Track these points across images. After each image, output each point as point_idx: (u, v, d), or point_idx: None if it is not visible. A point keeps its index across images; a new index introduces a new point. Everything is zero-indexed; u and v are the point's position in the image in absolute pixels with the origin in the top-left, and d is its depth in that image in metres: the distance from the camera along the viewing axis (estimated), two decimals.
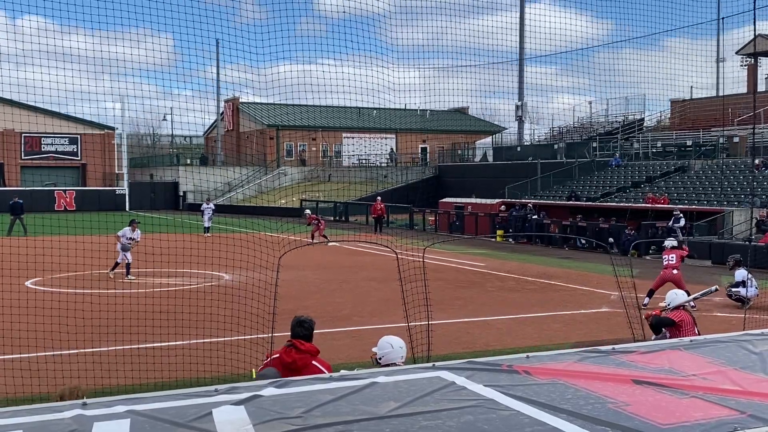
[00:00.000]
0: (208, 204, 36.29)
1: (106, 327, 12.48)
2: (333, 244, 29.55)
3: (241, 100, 70.21)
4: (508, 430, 3.29)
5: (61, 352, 10.76)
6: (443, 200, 42.93)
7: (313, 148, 70.75)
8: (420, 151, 70.70)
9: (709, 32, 55.74)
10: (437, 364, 4.47)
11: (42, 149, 63.94)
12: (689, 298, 10.73)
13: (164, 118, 74.29)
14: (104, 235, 18.40)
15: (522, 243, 33.61)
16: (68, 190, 58.52)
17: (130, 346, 11.85)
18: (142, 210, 54.88)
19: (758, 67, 49.91)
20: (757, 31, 41.28)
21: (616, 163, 41.39)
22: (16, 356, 10.98)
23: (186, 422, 3.41)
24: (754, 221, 26.52)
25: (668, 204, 31.47)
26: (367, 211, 42.65)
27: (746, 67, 51.63)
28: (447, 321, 14.42)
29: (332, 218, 47.12)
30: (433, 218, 41.11)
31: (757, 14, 16.83)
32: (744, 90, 48.86)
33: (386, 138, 72.41)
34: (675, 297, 10.01)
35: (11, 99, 35.53)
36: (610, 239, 28.83)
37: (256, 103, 69.76)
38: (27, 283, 18.02)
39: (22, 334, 10.85)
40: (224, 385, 4.02)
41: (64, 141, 64.46)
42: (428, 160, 67.44)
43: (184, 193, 62.05)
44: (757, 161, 32.49)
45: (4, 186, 57.97)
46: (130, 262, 20.99)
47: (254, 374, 6.68)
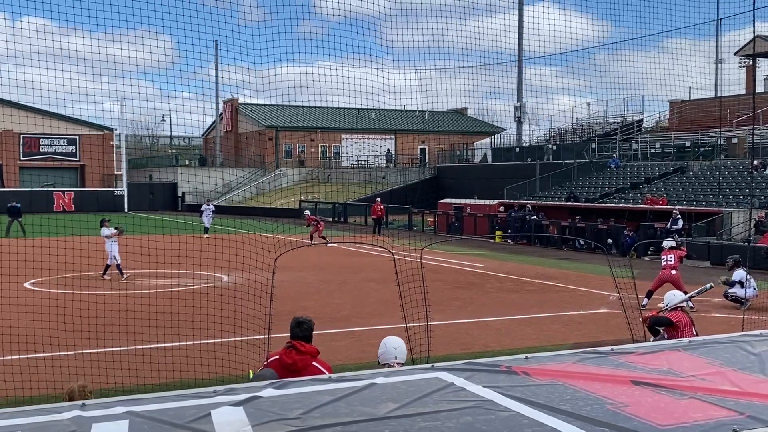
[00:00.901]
0: (208, 205, 36.24)
1: (105, 328, 12.47)
2: (332, 245, 29.56)
3: (239, 101, 70.21)
4: (507, 431, 3.29)
5: (59, 353, 10.76)
6: (442, 201, 42.95)
7: (312, 149, 70.74)
8: (419, 152, 70.74)
9: (707, 33, 55.83)
10: (436, 365, 4.47)
11: (41, 150, 63.92)
12: (685, 298, 10.75)
13: (163, 119, 74.40)
14: (103, 237, 18.41)
15: (521, 244, 33.62)
16: (67, 191, 58.50)
17: (128, 347, 11.85)
18: (140, 211, 54.86)
19: (757, 68, 49.93)
20: (755, 32, 41.32)
21: (614, 164, 41.42)
22: (14, 357, 10.98)
23: (185, 423, 3.41)
24: (753, 222, 26.55)
25: (667, 205, 31.49)
26: (366, 212, 42.67)
27: (745, 68, 51.69)
28: (446, 322, 14.42)
29: (331, 219, 47.12)
30: (432, 219, 41.12)
31: (755, 15, 16.82)
32: (742, 91, 48.90)
33: (385, 139, 72.43)
34: (673, 298, 10.03)
35: (10, 100, 35.59)
36: (609, 240, 28.93)
37: (255, 104, 69.76)
38: (26, 284, 18.01)
39: (20, 335, 10.85)
40: (223, 386, 4.02)
41: (63, 142, 64.45)
42: (427, 161, 67.47)
43: (183, 194, 62.05)
44: (755, 162, 32.51)
45: (3, 187, 57.96)
46: (110, 264, 20.79)
47: (252, 375, 6.67)
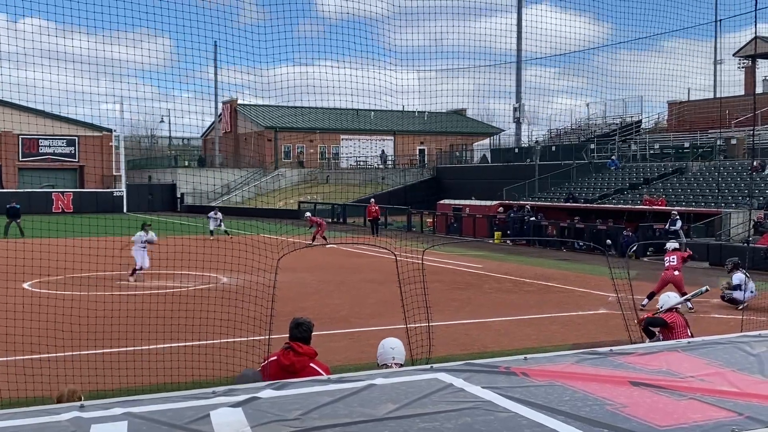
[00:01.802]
0: (215, 214, 36.00)
1: (104, 329, 12.46)
2: (331, 246, 29.54)
3: (238, 102, 70.21)
4: (506, 431, 3.29)
5: (58, 354, 10.75)
6: (441, 202, 42.97)
7: (311, 150, 70.76)
8: (418, 152, 70.78)
9: (706, 34, 55.86)
10: (435, 365, 4.48)
11: (40, 151, 63.89)
12: (681, 300, 10.77)
13: (162, 120, 74.35)
14: (102, 237, 18.38)
15: (519, 244, 33.64)
16: (66, 192, 58.49)
17: (127, 348, 11.84)
18: (140, 212, 54.83)
19: (754, 70, 49.99)
20: (755, 33, 41.36)
21: (613, 165, 41.45)
22: (13, 358, 10.97)
23: (183, 424, 3.41)
24: (752, 223, 26.56)
25: (665, 206, 31.51)
26: (365, 212, 42.70)
27: (744, 69, 51.73)
28: (444, 322, 14.42)
29: (330, 220, 47.15)
30: (431, 220, 41.14)
31: (756, 15, 16.85)
32: (741, 92, 48.93)
33: (384, 140, 72.47)
34: (667, 299, 10.07)
35: (9, 101, 35.58)
36: (608, 241, 28.95)
37: (254, 105, 69.77)
38: (24, 285, 17.99)
39: (19, 337, 10.84)
40: (222, 387, 4.02)
41: (62, 143, 64.43)
42: (426, 162, 67.49)
43: (182, 194, 62.04)
44: (754, 163, 32.54)
45: (2, 188, 57.94)
46: (139, 267, 21.13)
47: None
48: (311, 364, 6.17)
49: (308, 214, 34.82)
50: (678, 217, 28.21)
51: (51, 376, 9.19)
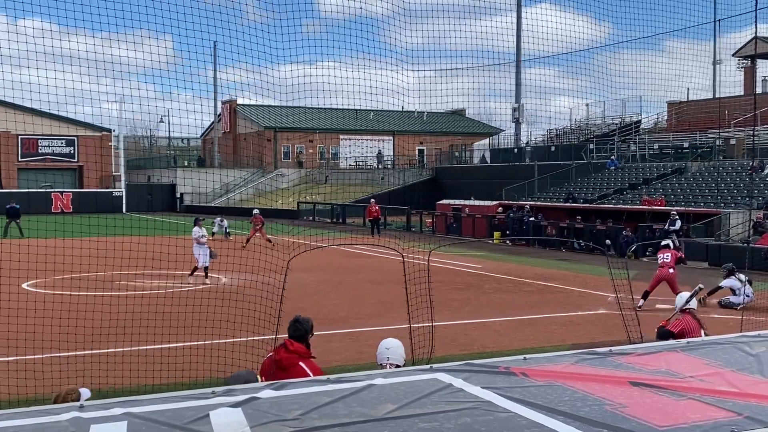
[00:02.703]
0: (222, 222, 35.53)
1: (103, 329, 12.47)
2: (332, 246, 29.43)
3: (238, 102, 70.20)
4: (506, 431, 3.29)
5: (58, 354, 10.75)
6: (440, 202, 42.96)
7: (311, 150, 70.76)
8: (417, 153, 70.80)
9: (705, 35, 55.87)
10: (434, 365, 4.48)
11: (39, 151, 63.87)
12: (687, 298, 10.65)
13: (161, 120, 74.27)
14: (101, 237, 18.37)
15: (519, 244, 33.64)
16: (65, 192, 58.48)
17: (127, 348, 11.84)
18: (139, 212, 54.82)
19: (754, 70, 50.02)
20: (754, 33, 41.37)
21: (613, 165, 41.46)
22: (12, 358, 10.97)
23: (183, 425, 3.41)
24: (751, 223, 26.57)
25: (665, 206, 31.52)
26: (364, 213, 42.70)
27: (743, 70, 51.76)
28: (444, 323, 14.40)
29: (329, 220, 47.16)
30: (431, 220, 41.14)
31: (756, 15, 16.87)
32: (740, 92, 48.96)
33: (383, 140, 72.48)
34: (680, 299, 9.98)
35: (8, 101, 35.55)
36: (607, 241, 28.95)
37: (254, 105, 69.77)
38: (24, 285, 17.99)
39: (19, 336, 10.84)
40: (221, 387, 4.02)
41: (61, 143, 64.41)
42: (425, 162, 67.51)
43: (182, 195, 62.03)
44: (753, 163, 32.56)
45: (1, 188, 57.91)
46: (207, 264, 20.98)
47: None
48: (300, 363, 6.17)
49: (256, 211, 32.88)
50: (677, 217, 28.22)
51: (51, 376, 9.19)
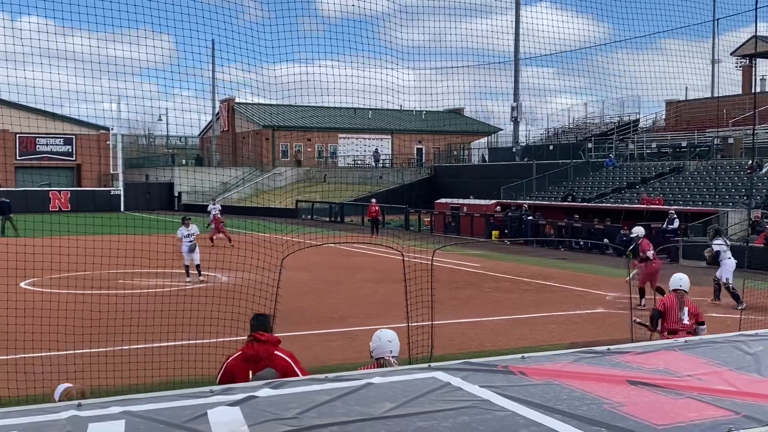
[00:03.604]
0: (214, 204, 35.45)
1: (101, 327, 12.45)
2: (327, 245, 29.39)
3: (236, 101, 70.15)
4: (504, 430, 3.30)
5: (56, 353, 10.73)
6: (439, 201, 42.96)
7: (309, 149, 70.74)
8: (415, 151, 70.80)
9: (703, 34, 55.90)
10: (433, 364, 4.48)
11: (37, 150, 63.78)
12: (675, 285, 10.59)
13: (159, 119, 74.17)
14: (99, 236, 18.34)
15: (517, 243, 33.65)
16: (63, 190, 58.40)
17: (125, 347, 11.82)
18: (137, 210, 54.77)
19: (754, 68, 49.98)
20: (752, 32, 41.40)
21: (611, 164, 41.48)
22: (10, 357, 10.96)
23: (181, 423, 3.41)
24: (749, 222, 26.59)
25: (663, 205, 31.54)
26: (362, 211, 42.69)
27: (741, 69, 51.77)
28: (442, 321, 14.39)
29: (328, 219, 47.14)
30: (429, 219, 41.13)
31: (754, 15, 16.89)
32: (739, 91, 48.96)
33: (382, 139, 72.48)
34: (677, 280, 10.24)
35: (6, 99, 35.49)
36: (605, 240, 28.96)
37: (252, 104, 69.72)
38: (22, 284, 17.97)
39: (16, 335, 10.83)
40: (219, 385, 4.02)
41: (59, 141, 64.31)
42: (424, 161, 67.48)
43: (180, 193, 61.98)
44: (750, 162, 32.59)
45: None
46: (198, 263, 20.99)
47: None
48: (276, 352, 6.16)
49: (215, 209, 31.74)
50: (675, 216, 28.24)
51: (48, 375, 9.18)
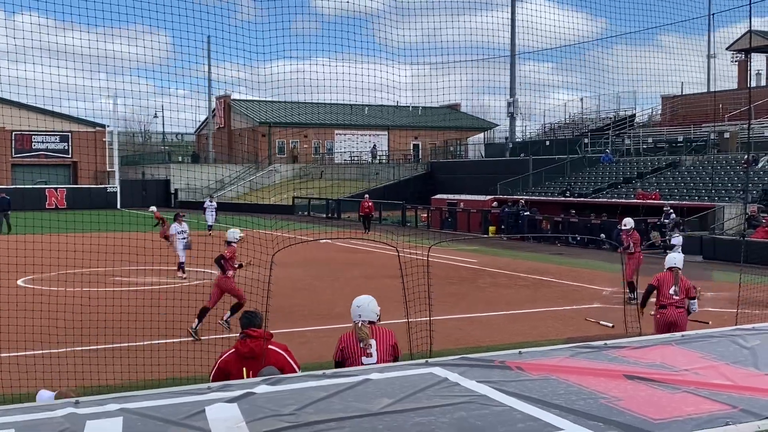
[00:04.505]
0: (210, 201, 35.37)
1: (98, 325, 12.44)
2: (325, 241, 29.44)
3: (232, 98, 70.03)
4: (501, 425, 3.30)
5: (53, 351, 10.72)
6: (435, 197, 42.97)
7: (305, 145, 70.68)
8: (412, 147, 70.77)
9: (699, 29, 55.92)
10: (430, 360, 4.49)
11: (33, 147, 63.66)
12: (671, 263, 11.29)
13: (155, 116, 74.05)
14: (95, 233, 18.34)
15: (514, 239, 33.68)
16: (59, 188, 58.32)
17: (122, 344, 11.83)
18: (133, 207, 54.69)
19: (750, 63, 50.03)
20: (747, 26, 41.41)
21: (607, 159, 41.51)
22: (7, 355, 10.95)
23: (179, 420, 3.41)
24: (746, 216, 26.61)
25: (659, 200, 31.57)
26: (359, 208, 42.68)
27: (737, 63, 51.80)
28: (439, 317, 14.39)
29: (324, 215, 47.13)
30: (426, 215, 41.14)
31: (748, 9, 16.89)
32: (734, 86, 48.99)
33: (378, 135, 72.44)
34: (672, 259, 11.12)
35: (1, 97, 35.37)
36: (602, 235, 28.98)
37: (247, 101, 69.62)
38: (19, 282, 17.95)
39: (14, 333, 10.82)
40: (217, 382, 4.02)
41: (55, 139, 64.18)
42: (420, 157, 67.47)
43: (176, 190, 61.92)
44: (747, 157, 32.60)
45: None
46: (182, 261, 21.04)
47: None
48: (270, 347, 6.16)
49: (153, 208, 29.81)
50: (672, 211, 28.29)
51: (46, 373, 9.17)
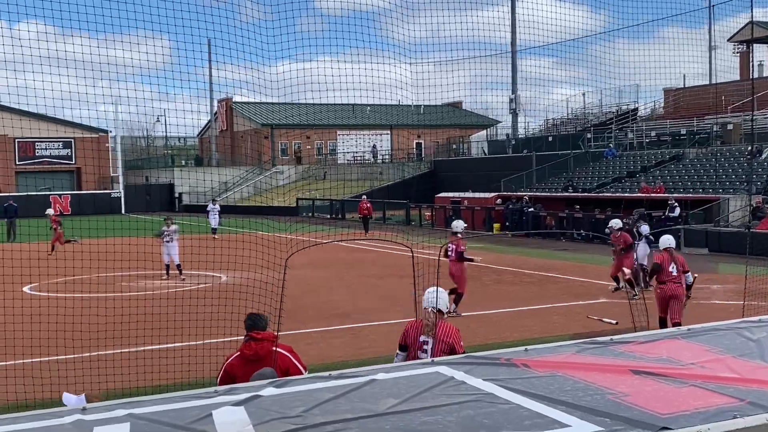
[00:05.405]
0: (213, 204, 35.47)
1: (105, 330, 12.46)
2: (328, 241, 29.40)
3: (234, 100, 70.07)
4: (508, 423, 3.30)
5: (60, 357, 10.75)
6: (439, 195, 42.95)
7: (308, 146, 70.71)
8: (415, 146, 70.75)
9: (700, 21, 55.80)
10: (436, 359, 4.48)
11: (36, 154, 63.82)
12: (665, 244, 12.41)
13: (158, 120, 74.14)
14: (101, 239, 18.38)
15: (519, 236, 33.66)
16: (63, 194, 58.43)
17: (129, 349, 11.84)
18: (138, 212, 54.79)
19: (751, 54, 49.92)
20: (749, 17, 41.32)
21: (610, 153, 41.46)
22: (15, 362, 10.97)
23: (186, 424, 3.41)
24: (750, 208, 26.57)
25: (664, 193, 31.52)
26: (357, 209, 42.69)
27: (738, 55, 51.70)
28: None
29: (329, 216, 47.14)
30: (430, 213, 41.12)
31: (748, 1, 16.87)
32: (736, 77, 48.88)
33: (381, 134, 72.44)
34: (666, 241, 12.37)
35: (5, 105, 35.45)
36: (606, 230, 28.92)
37: (250, 103, 69.67)
38: (25, 289, 17.99)
39: (21, 340, 10.84)
40: (224, 386, 4.03)
41: (58, 145, 64.34)
42: (423, 156, 67.46)
43: (180, 194, 61.99)
44: (751, 148, 32.55)
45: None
46: (178, 263, 21.19)
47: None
48: (274, 348, 6.12)
49: (50, 211, 29.94)
50: (676, 204, 28.24)
51: (53, 379, 9.19)
